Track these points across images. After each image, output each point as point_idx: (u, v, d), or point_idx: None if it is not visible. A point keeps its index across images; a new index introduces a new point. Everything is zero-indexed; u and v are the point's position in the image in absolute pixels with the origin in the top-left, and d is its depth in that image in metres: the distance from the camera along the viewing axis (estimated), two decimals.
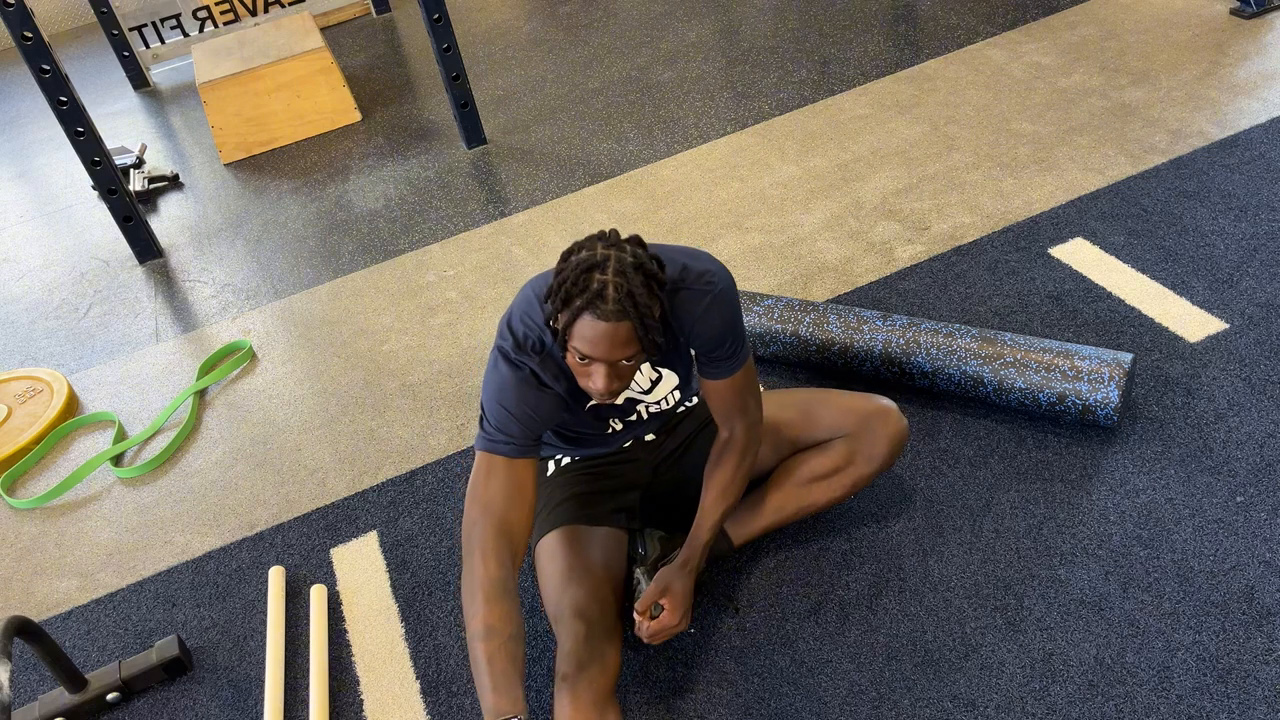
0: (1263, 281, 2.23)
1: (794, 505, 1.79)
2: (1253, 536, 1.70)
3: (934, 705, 1.56)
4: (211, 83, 3.93)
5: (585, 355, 1.39)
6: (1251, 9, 3.31)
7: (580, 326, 1.36)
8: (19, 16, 2.87)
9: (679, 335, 1.57)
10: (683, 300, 1.52)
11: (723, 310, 1.54)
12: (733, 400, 1.65)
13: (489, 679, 1.36)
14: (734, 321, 1.57)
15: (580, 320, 1.36)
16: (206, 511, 2.26)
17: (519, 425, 1.51)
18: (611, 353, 1.38)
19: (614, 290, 1.34)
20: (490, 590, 1.42)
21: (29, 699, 1.90)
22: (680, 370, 1.69)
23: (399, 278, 2.97)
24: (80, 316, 3.15)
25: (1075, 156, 2.82)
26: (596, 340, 1.36)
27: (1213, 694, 1.50)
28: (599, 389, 1.42)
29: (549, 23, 4.72)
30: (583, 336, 1.37)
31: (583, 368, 1.42)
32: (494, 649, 1.38)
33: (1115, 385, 1.85)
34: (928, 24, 3.81)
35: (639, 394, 1.68)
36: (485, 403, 1.54)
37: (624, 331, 1.36)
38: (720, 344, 1.57)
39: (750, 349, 1.63)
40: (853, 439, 1.74)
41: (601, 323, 1.35)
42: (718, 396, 1.64)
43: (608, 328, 1.35)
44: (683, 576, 1.63)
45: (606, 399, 1.45)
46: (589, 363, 1.40)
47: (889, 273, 2.51)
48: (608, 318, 1.34)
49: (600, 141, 3.50)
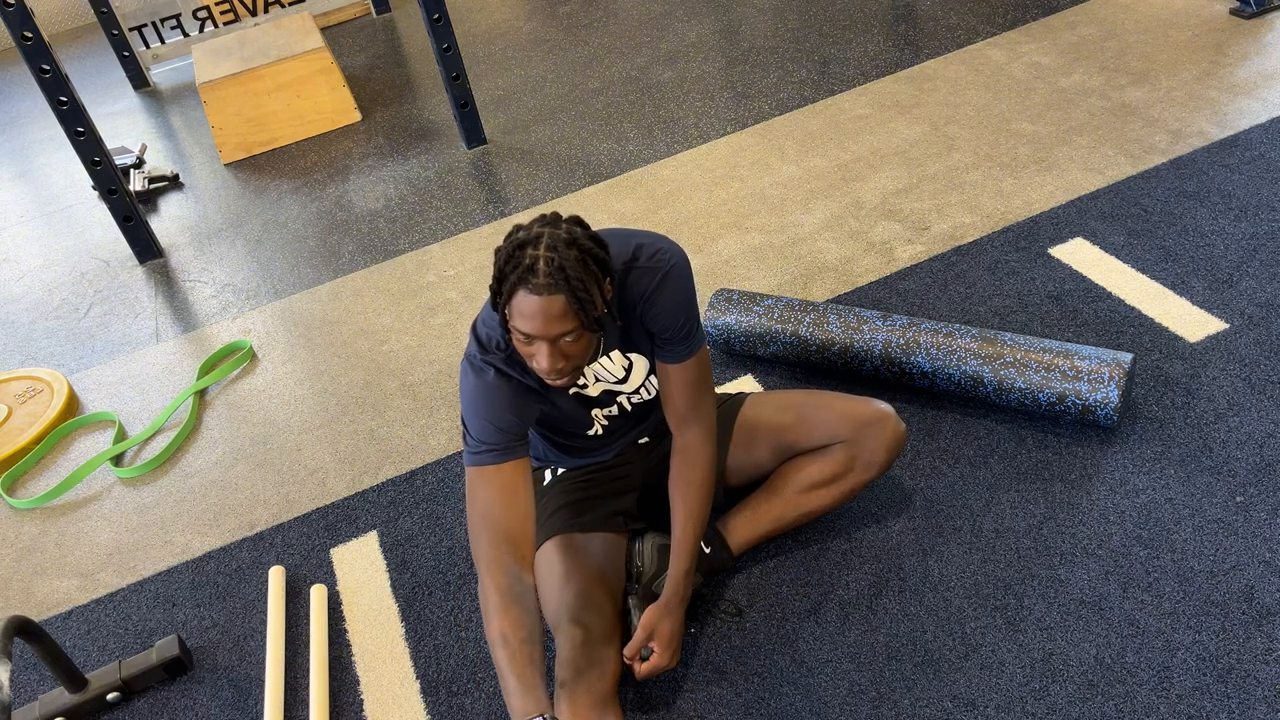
0: (1263, 281, 2.23)
1: (793, 513, 1.79)
2: (1253, 536, 1.70)
3: (934, 705, 1.56)
4: (211, 83, 3.93)
5: (525, 333, 1.39)
6: (1251, 9, 3.31)
7: (516, 303, 1.37)
8: (19, 16, 2.87)
9: (636, 317, 1.58)
10: (636, 279, 1.54)
11: (675, 287, 1.55)
12: (686, 395, 1.64)
13: (511, 682, 1.40)
14: (687, 300, 1.58)
15: (515, 297, 1.37)
16: (206, 511, 2.26)
17: (496, 430, 1.51)
18: (548, 327, 1.37)
19: (545, 265, 1.34)
20: (499, 600, 1.44)
21: (29, 699, 1.90)
22: (649, 354, 1.68)
23: (399, 278, 2.97)
24: (80, 316, 3.15)
25: (1075, 156, 2.82)
26: (532, 315, 1.37)
27: (1213, 694, 1.50)
28: (544, 368, 1.42)
29: (549, 23, 4.72)
30: (519, 313, 1.38)
31: (527, 348, 1.42)
32: (511, 654, 1.41)
33: (1115, 385, 1.85)
34: (928, 24, 3.81)
35: (614, 384, 1.68)
36: (463, 415, 1.55)
37: (558, 306, 1.36)
38: (674, 322, 1.57)
39: (705, 339, 1.65)
40: (851, 445, 1.73)
41: (534, 297, 1.35)
42: (673, 387, 1.64)
43: (541, 301, 1.35)
44: (669, 616, 1.62)
45: (556, 380, 1.45)
46: (531, 341, 1.41)
47: (889, 273, 2.51)
48: (540, 291, 1.35)
49: (600, 141, 3.50)
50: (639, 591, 1.69)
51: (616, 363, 1.66)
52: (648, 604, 1.66)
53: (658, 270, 1.54)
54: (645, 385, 1.72)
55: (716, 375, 2.29)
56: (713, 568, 1.79)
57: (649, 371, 1.70)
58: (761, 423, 1.80)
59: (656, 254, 1.55)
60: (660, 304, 1.55)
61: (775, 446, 1.79)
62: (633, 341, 1.64)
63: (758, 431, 1.80)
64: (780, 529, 1.81)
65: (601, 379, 1.66)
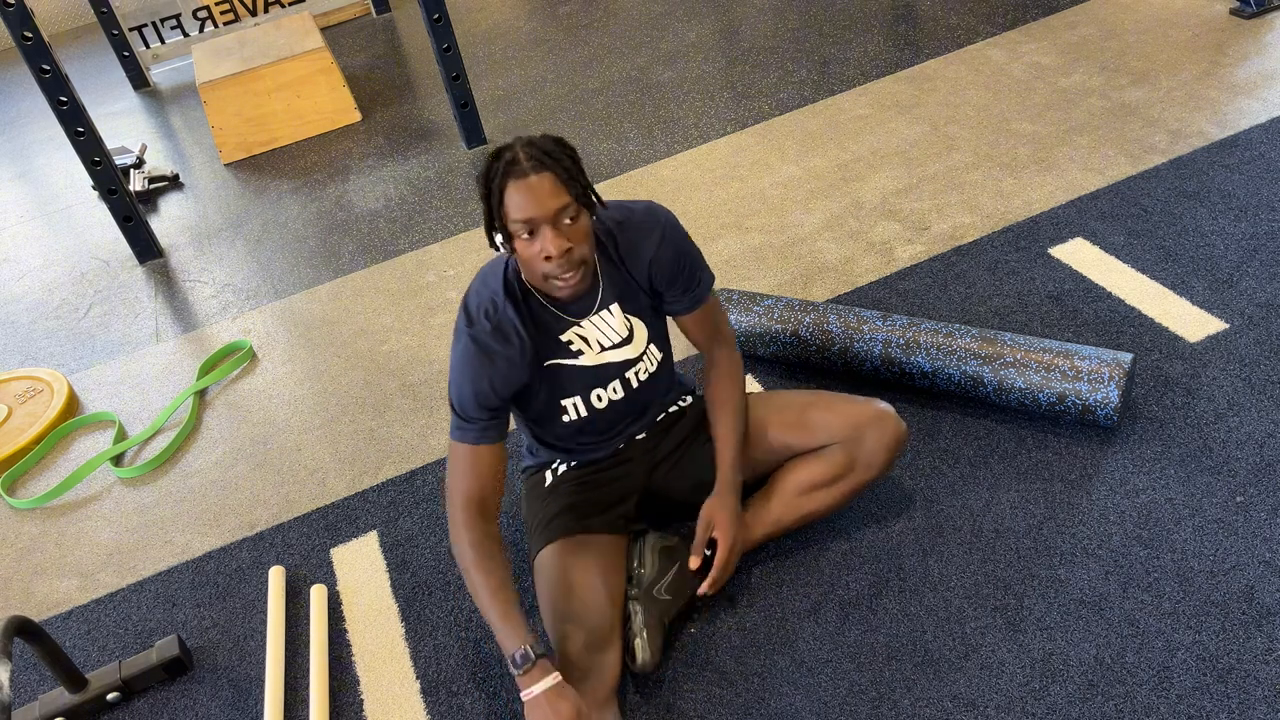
0: (1263, 281, 2.23)
1: (793, 515, 1.79)
2: (1253, 536, 1.70)
3: (934, 705, 1.56)
4: (211, 83, 3.93)
5: (524, 221, 1.44)
6: (1251, 9, 3.31)
7: (509, 197, 1.43)
8: (19, 16, 2.87)
9: (637, 276, 1.66)
10: (631, 239, 1.63)
11: (673, 238, 1.65)
12: (708, 329, 1.77)
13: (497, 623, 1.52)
14: (688, 248, 1.68)
15: (506, 192, 1.43)
16: (206, 511, 2.26)
17: (475, 404, 1.57)
18: (544, 205, 1.43)
19: (524, 153, 1.43)
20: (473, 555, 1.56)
21: (29, 699, 1.90)
22: (649, 322, 1.72)
23: (399, 278, 2.97)
24: (80, 316, 3.15)
25: (1075, 156, 2.82)
26: (526, 200, 1.42)
27: (1213, 694, 1.50)
28: (552, 252, 1.45)
29: (549, 23, 4.73)
30: (514, 205, 1.43)
31: (532, 245, 1.46)
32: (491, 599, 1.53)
33: (1115, 385, 1.85)
34: (928, 24, 3.81)
35: (615, 347, 1.67)
36: (450, 388, 1.61)
37: (548, 182, 1.43)
38: (680, 272, 1.67)
39: (712, 279, 1.74)
40: (851, 445, 1.73)
41: (523, 180, 1.42)
42: (695, 329, 1.77)
43: (531, 182, 1.42)
44: (724, 504, 1.69)
45: (570, 275, 1.49)
46: (533, 234, 1.45)
47: (889, 273, 2.51)
48: (526, 174, 1.42)
49: (600, 141, 3.50)
50: (640, 595, 1.68)
51: (617, 319, 1.66)
52: (649, 606, 1.66)
53: (653, 227, 1.64)
54: (647, 355, 1.72)
55: None
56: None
57: (649, 340, 1.72)
58: (760, 423, 1.79)
59: (647, 211, 1.66)
60: (664, 256, 1.64)
61: (774, 448, 1.79)
62: (636, 304, 1.68)
63: (756, 432, 1.79)
64: (780, 531, 1.80)
65: (602, 340, 1.66)
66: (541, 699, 1.48)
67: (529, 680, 1.49)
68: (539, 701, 1.48)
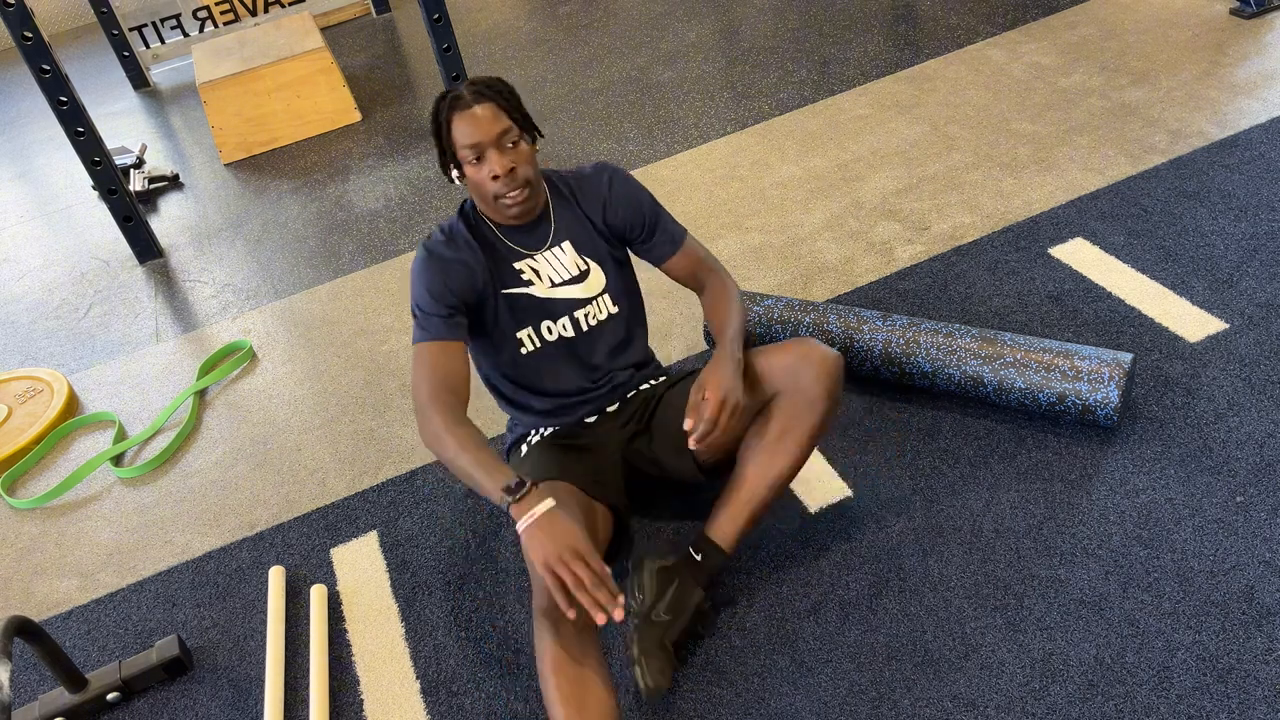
0: (1263, 281, 2.23)
1: (763, 487, 1.70)
2: (1253, 536, 1.70)
3: (934, 705, 1.56)
4: (211, 83, 3.93)
5: (470, 146, 1.59)
6: (1251, 9, 3.31)
7: (455, 128, 1.59)
8: (19, 16, 2.87)
9: (592, 217, 1.77)
10: (587, 189, 1.77)
11: (626, 183, 1.78)
12: (695, 266, 1.83)
13: (480, 474, 1.51)
14: (641, 193, 1.79)
15: (454, 124, 1.60)
16: (206, 511, 2.26)
17: (432, 300, 1.65)
18: (488, 129, 1.58)
19: (467, 88, 1.60)
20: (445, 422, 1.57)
21: (29, 699, 1.90)
22: (608, 269, 1.79)
23: (399, 278, 2.97)
24: (80, 316, 3.15)
25: (1075, 156, 2.82)
26: (470, 127, 1.58)
27: (1213, 694, 1.50)
28: (498, 170, 1.59)
29: (549, 23, 4.73)
30: (461, 133, 1.59)
31: (480, 169, 1.62)
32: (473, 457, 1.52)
33: (1115, 385, 1.85)
34: (928, 24, 3.81)
35: (566, 283, 1.75)
36: (412, 302, 1.69)
37: (489, 110, 1.59)
38: (639, 211, 1.78)
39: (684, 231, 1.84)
40: (789, 393, 1.68)
41: (467, 111, 1.58)
42: (682, 274, 1.84)
43: (473, 112, 1.58)
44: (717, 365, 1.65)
45: (512, 186, 1.62)
46: (480, 158, 1.60)
47: (889, 273, 2.51)
48: (469, 104, 1.59)
49: (600, 141, 3.50)
50: (639, 622, 1.63)
51: (569, 256, 1.76)
52: (648, 632, 1.61)
53: (601, 173, 1.78)
54: (600, 301, 1.79)
55: None
56: (711, 573, 1.72)
57: (605, 289, 1.79)
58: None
59: (595, 165, 1.80)
60: (622, 200, 1.77)
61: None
62: (593, 249, 1.78)
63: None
64: (762, 506, 1.72)
65: (553, 275, 1.74)
66: (540, 521, 1.43)
67: (523, 508, 1.45)
68: (538, 523, 1.43)
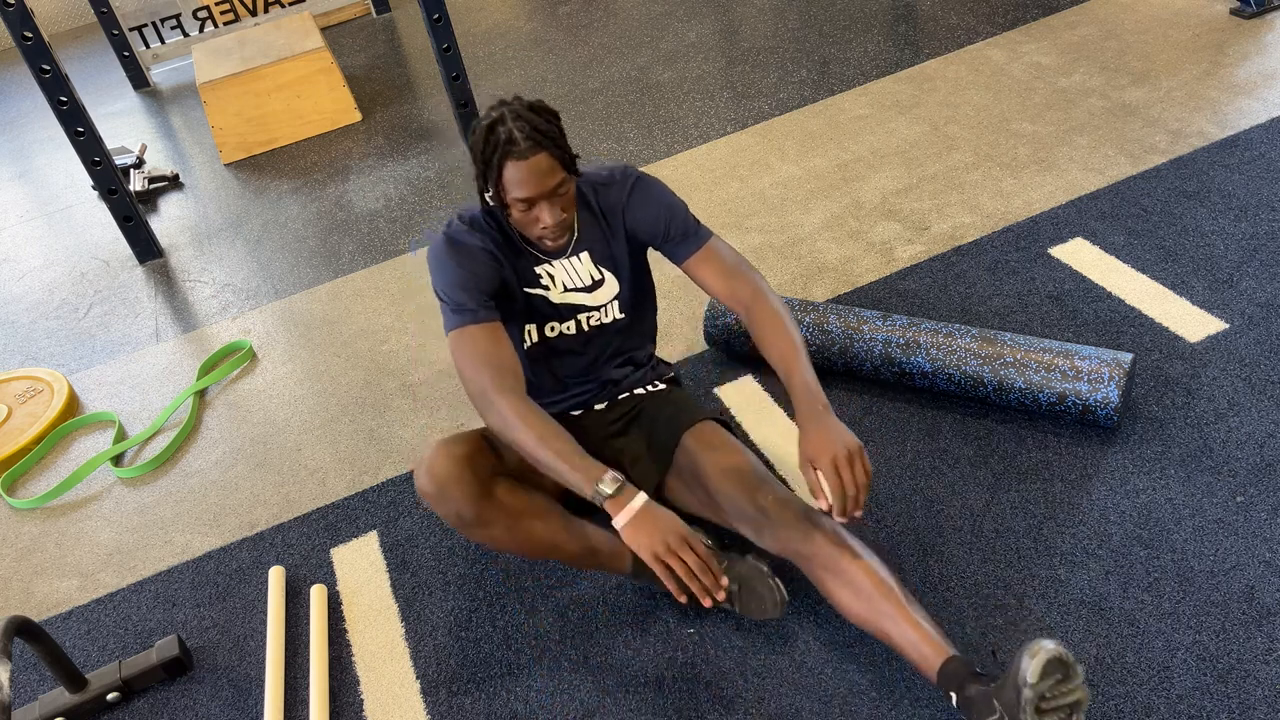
0: (1263, 281, 2.23)
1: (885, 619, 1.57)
2: (1253, 536, 1.70)
3: (934, 705, 1.55)
4: (212, 83, 3.93)
5: (524, 199, 1.53)
6: (1251, 9, 3.31)
7: (508, 174, 1.52)
8: (19, 16, 2.87)
9: (614, 225, 1.73)
10: (609, 195, 1.72)
11: (647, 190, 1.72)
12: (722, 271, 1.72)
13: (564, 466, 1.50)
14: (666, 197, 1.72)
15: (505, 169, 1.51)
16: (206, 511, 2.26)
17: (464, 292, 1.61)
18: (543, 183, 1.52)
19: (519, 132, 1.50)
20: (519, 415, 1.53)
21: (29, 699, 1.90)
22: (622, 277, 1.76)
23: (399, 278, 2.97)
24: (80, 316, 3.15)
25: (1075, 156, 2.82)
26: (526, 178, 1.51)
27: (1213, 694, 1.50)
28: (549, 224, 1.56)
29: (549, 23, 4.73)
30: (514, 181, 1.52)
31: (529, 216, 1.56)
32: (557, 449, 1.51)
33: (1115, 385, 1.85)
34: (928, 24, 3.81)
35: (579, 291, 1.73)
36: (438, 289, 1.64)
37: (544, 161, 1.51)
38: (662, 216, 1.71)
39: (710, 232, 1.75)
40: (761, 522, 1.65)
41: (522, 161, 1.50)
42: (707, 277, 1.73)
43: (529, 163, 1.50)
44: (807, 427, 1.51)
45: (559, 234, 1.59)
46: (530, 206, 1.55)
47: (889, 273, 2.51)
48: (525, 155, 1.50)
49: (600, 141, 3.50)
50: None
51: (585, 266, 1.73)
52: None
53: (627, 179, 1.72)
54: (608, 308, 1.77)
55: (717, 375, 2.29)
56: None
57: (616, 295, 1.76)
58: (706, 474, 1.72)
59: (620, 169, 1.74)
60: (645, 206, 1.71)
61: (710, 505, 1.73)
62: (611, 258, 1.74)
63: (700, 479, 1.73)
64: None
65: (567, 281, 1.72)
66: (640, 516, 1.47)
67: (619, 504, 1.47)
68: (639, 518, 1.47)
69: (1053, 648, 1.32)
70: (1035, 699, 1.32)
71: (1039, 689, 1.32)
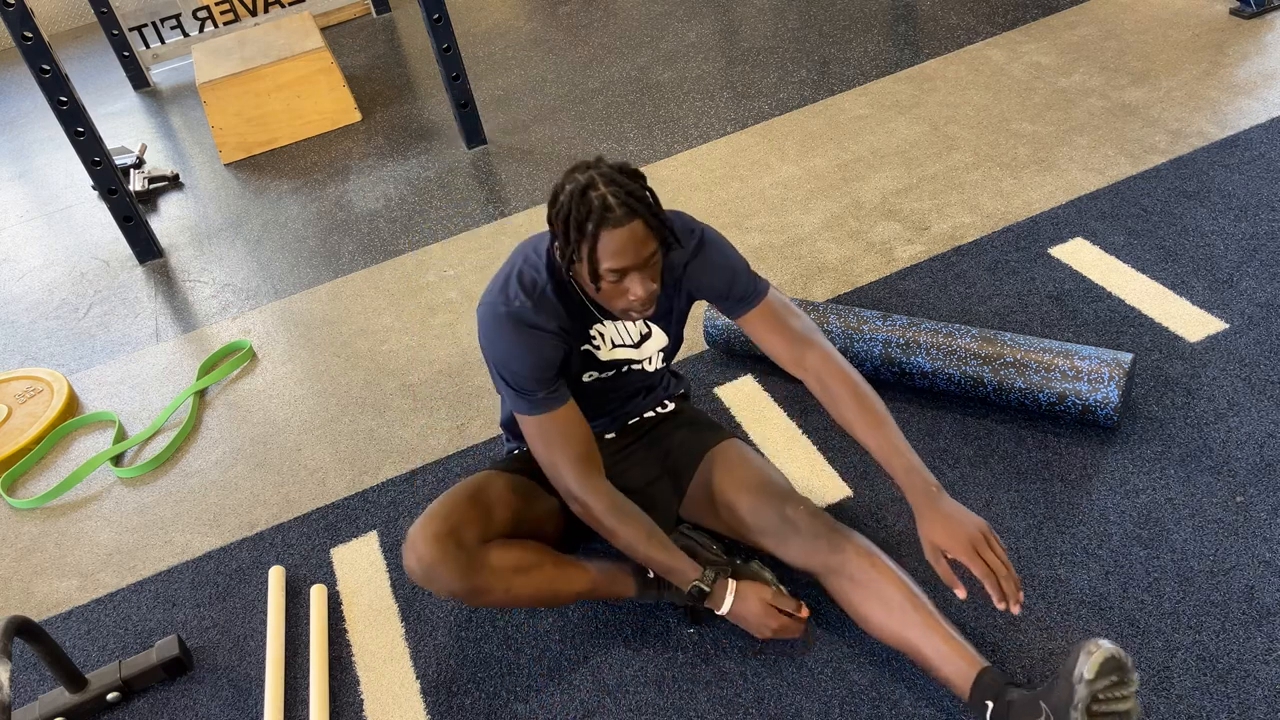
0: (1263, 281, 2.23)
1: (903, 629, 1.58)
2: (1253, 536, 1.70)
3: (934, 705, 1.55)
4: (211, 83, 3.93)
5: (618, 270, 1.42)
6: (1251, 9, 3.31)
7: (603, 244, 1.40)
8: (19, 16, 2.87)
9: (674, 289, 1.65)
10: (672, 257, 1.61)
11: (713, 253, 1.63)
12: (781, 328, 1.66)
13: (664, 567, 1.62)
14: (730, 257, 1.64)
15: (600, 239, 1.40)
16: (206, 511, 2.26)
17: (537, 381, 1.55)
18: (639, 252, 1.42)
19: (614, 198, 1.39)
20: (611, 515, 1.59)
21: (29, 699, 1.90)
22: (670, 331, 1.71)
23: (399, 278, 2.97)
24: (80, 316, 3.15)
25: (1075, 156, 2.82)
26: (623, 248, 1.40)
27: (1213, 694, 1.50)
28: (640, 296, 1.45)
29: (549, 23, 4.73)
30: (609, 251, 1.40)
31: (619, 287, 1.46)
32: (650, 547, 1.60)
33: (1115, 385, 1.85)
34: (928, 24, 3.81)
35: (628, 347, 1.68)
36: (503, 375, 1.57)
37: (640, 229, 1.41)
38: (732, 281, 1.64)
39: (767, 285, 1.68)
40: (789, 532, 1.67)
41: (619, 230, 1.39)
42: (763, 333, 1.67)
43: (626, 231, 1.39)
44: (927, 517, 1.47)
45: (648, 306, 1.49)
46: (623, 277, 1.44)
47: (889, 273, 2.51)
48: (621, 223, 1.39)
49: (600, 141, 3.50)
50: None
51: (636, 325, 1.67)
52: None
53: (691, 238, 1.62)
54: (653, 359, 1.73)
55: (717, 375, 2.29)
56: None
57: (662, 348, 1.72)
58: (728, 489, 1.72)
59: (687, 226, 1.62)
60: (702, 271, 1.63)
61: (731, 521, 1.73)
62: (665, 314, 1.68)
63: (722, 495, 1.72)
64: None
65: (615, 338, 1.66)
66: (742, 603, 1.62)
67: (719, 592, 1.62)
68: (741, 604, 1.62)
69: (1111, 647, 1.30)
70: (1089, 697, 1.29)
71: (1094, 687, 1.28)
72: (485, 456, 2.21)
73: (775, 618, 1.62)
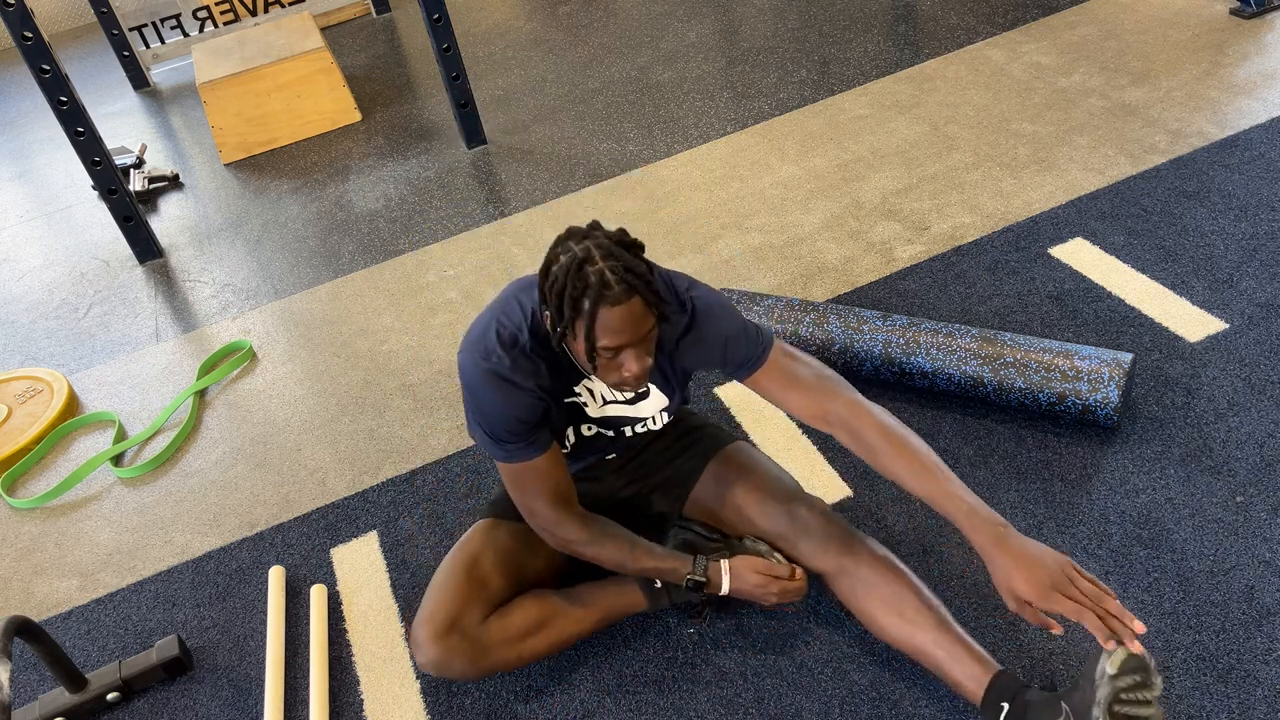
0: (1263, 281, 2.23)
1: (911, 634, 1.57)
2: (1253, 536, 1.70)
3: (934, 705, 1.56)
4: (211, 83, 3.93)
5: (614, 347, 1.38)
6: (1251, 9, 3.31)
7: (601, 321, 1.35)
8: (19, 16, 2.87)
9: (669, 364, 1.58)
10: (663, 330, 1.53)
11: (705, 326, 1.54)
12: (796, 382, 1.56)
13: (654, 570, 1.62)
14: (724, 327, 1.55)
15: (598, 316, 1.34)
16: (206, 511, 2.26)
17: (513, 435, 1.51)
18: (637, 330, 1.37)
19: (611, 274, 1.33)
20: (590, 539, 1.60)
21: (29, 699, 1.90)
22: (669, 394, 1.65)
23: (399, 278, 2.97)
24: (80, 316, 3.15)
25: (1075, 156, 2.82)
26: (621, 326, 1.35)
27: (1213, 694, 1.50)
28: (634, 372, 1.41)
29: (549, 23, 4.73)
30: (607, 329, 1.35)
31: (614, 362, 1.41)
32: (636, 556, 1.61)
33: (1115, 385, 1.85)
34: (928, 24, 3.81)
35: (621, 404, 1.63)
36: (482, 426, 1.52)
37: (638, 306, 1.36)
38: (725, 351, 1.56)
39: (770, 337, 1.58)
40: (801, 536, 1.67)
41: (617, 307, 1.34)
42: (782, 390, 1.57)
43: (624, 309, 1.34)
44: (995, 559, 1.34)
45: (641, 383, 1.45)
46: (618, 354, 1.39)
47: (889, 273, 2.51)
48: (619, 300, 1.33)
49: (600, 141, 3.50)
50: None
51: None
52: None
53: (684, 309, 1.54)
54: (656, 418, 1.67)
55: (717, 375, 2.29)
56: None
57: (664, 409, 1.66)
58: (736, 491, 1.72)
59: (676, 293, 1.54)
60: (693, 345, 1.55)
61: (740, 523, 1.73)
62: (659, 377, 1.61)
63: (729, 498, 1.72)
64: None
65: (606, 395, 1.61)
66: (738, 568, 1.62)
67: (715, 576, 1.63)
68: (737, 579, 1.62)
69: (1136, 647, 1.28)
70: (1112, 696, 1.26)
71: (1117, 684, 1.26)
72: (485, 456, 2.21)
73: (774, 583, 1.62)
